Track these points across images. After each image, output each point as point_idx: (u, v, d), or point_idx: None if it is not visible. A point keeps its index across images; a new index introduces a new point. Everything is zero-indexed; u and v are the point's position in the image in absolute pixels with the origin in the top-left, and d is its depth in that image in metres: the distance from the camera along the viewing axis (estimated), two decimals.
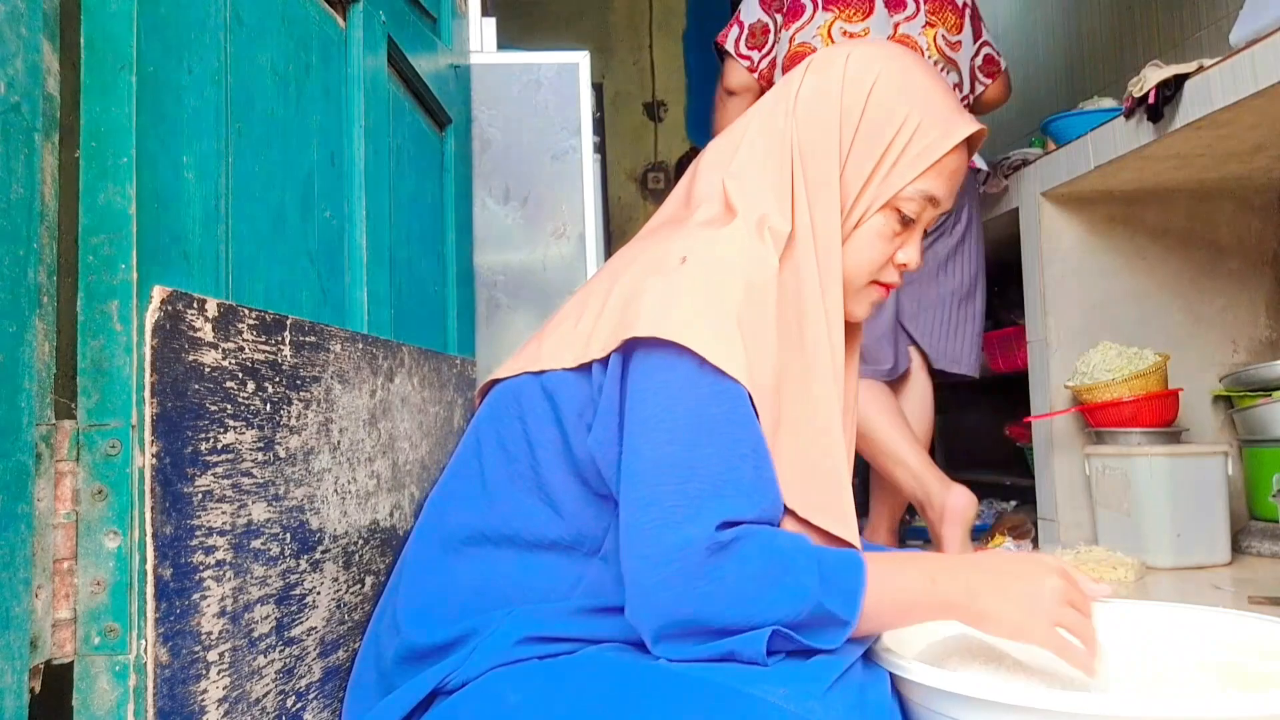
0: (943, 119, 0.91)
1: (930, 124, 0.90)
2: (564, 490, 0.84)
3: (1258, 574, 1.88)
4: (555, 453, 0.84)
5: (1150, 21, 2.77)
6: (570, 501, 0.84)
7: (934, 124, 0.91)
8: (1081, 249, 2.27)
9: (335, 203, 1.05)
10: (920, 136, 0.90)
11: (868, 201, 0.91)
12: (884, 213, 0.91)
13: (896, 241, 0.93)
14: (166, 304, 0.65)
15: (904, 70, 0.92)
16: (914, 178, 0.90)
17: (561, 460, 0.84)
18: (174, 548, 0.66)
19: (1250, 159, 1.95)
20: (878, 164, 0.90)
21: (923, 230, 0.95)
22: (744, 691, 0.69)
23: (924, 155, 0.90)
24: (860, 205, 0.91)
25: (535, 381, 0.86)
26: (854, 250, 0.92)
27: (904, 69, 0.92)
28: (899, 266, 0.95)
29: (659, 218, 0.98)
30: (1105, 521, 2.09)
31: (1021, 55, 3.58)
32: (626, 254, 0.91)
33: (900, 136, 0.90)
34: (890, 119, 0.90)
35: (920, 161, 0.90)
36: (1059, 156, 2.15)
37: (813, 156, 0.90)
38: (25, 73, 0.58)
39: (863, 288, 0.95)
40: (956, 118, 0.92)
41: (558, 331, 0.87)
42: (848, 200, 0.91)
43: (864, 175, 0.90)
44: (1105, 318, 2.27)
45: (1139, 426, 2.07)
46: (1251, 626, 0.94)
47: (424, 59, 1.46)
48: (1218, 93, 1.59)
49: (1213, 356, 2.30)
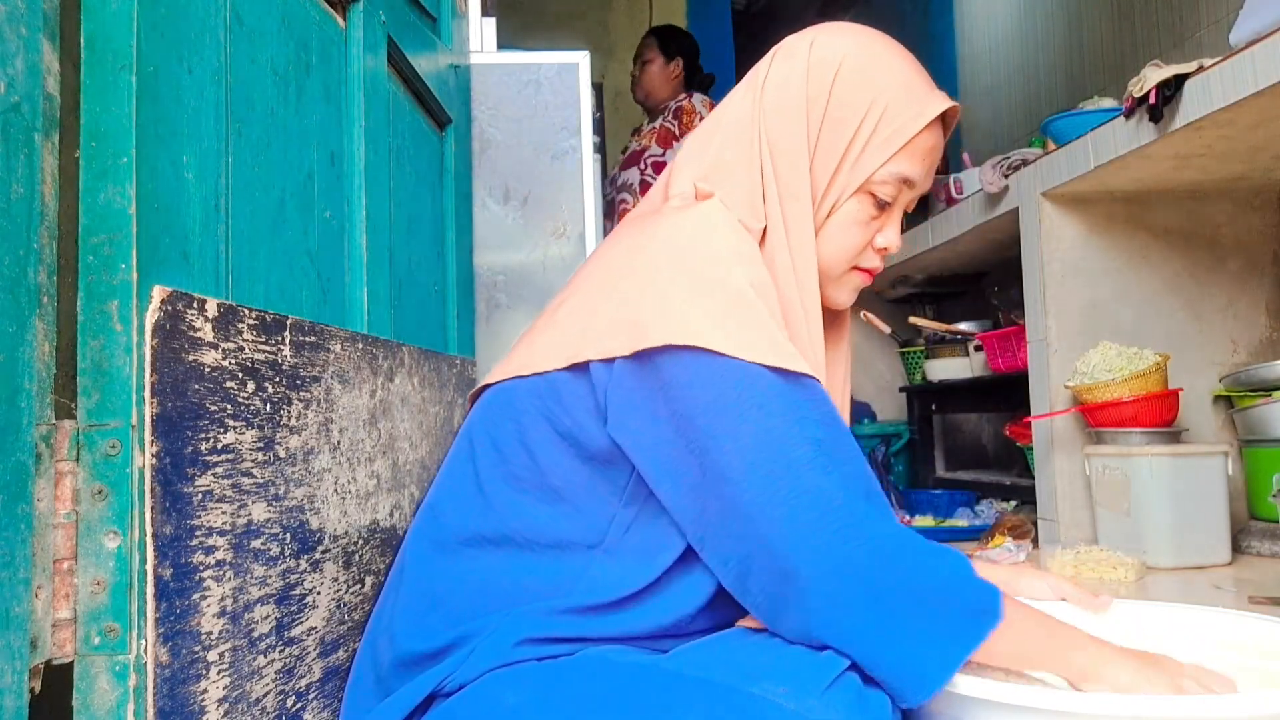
0: (913, 98, 0.89)
1: (900, 104, 0.89)
2: (571, 483, 0.84)
3: (1258, 574, 1.88)
4: (559, 448, 0.84)
5: (1150, 21, 2.77)
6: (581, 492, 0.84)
7: (904, 104, 0.89)
8: (1081, 249, 2.27)
9: (335, 203, 1.05)
10: (889, 118, 0.89)
11: (839, 188, 0.90)
12: (858, 198, 0.90)
13: (874, 226, 0.92)
14: (166, 304, 0.65)
15: (870, 52, 0.90)
16: (885, 160, 0.89)
17: (566, 454, 0.84)
18: (174, 548, 0.66)
19: (1250, 159, 1.95)
20: (846, 149, 0.89)
21: (902, 211, 0.93)
22: (744, 690, 0.69)
23: (894, 137, 0.89)
24: (832, 193, 0.90)
25: (527, 384, 0.86)
26: (829, 238, 0.91)
27: (870, 50, 0.90)
28: (879, 250, 0.94)
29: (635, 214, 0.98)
30: (1105, 521, 2.09)
31: (1021, 55, 3.58)
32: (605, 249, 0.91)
33: (868, 120, 0.88)
34: (857, 103, 0.88)
35: (890, 144, 0.89)
36: (1059, 156, 2.15)
37: (781, 148, 0.89)
38: (25, 73, 0.58)
39: (843, 274, 0.94)
40: (927, 96, 0.90)
41: (546, 335, 0.87)
42: (819, 189, 0.90)
43: (834, 162, 0.89)
44: (1105, 318, 2.27)
45: (1139, 426, 2.07)
46: (1251, 626, 0.94)
47: (424, 59, 1.46)
48: (1218, 93, 1.59)
49: (1213, 356, 2.30)
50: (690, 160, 0.93)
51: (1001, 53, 3.74)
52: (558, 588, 0.83)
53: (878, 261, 0.95)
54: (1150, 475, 1.98)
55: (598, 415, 0.82)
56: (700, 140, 0.94)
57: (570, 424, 0.83)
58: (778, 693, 0.69)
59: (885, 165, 0.89)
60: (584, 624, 0.82)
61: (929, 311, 3.60)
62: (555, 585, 0.83)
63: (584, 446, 0.83)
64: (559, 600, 0.83)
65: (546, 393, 0.84)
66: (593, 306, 0.84)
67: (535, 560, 0.84)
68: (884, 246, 0.93)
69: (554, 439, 0.84)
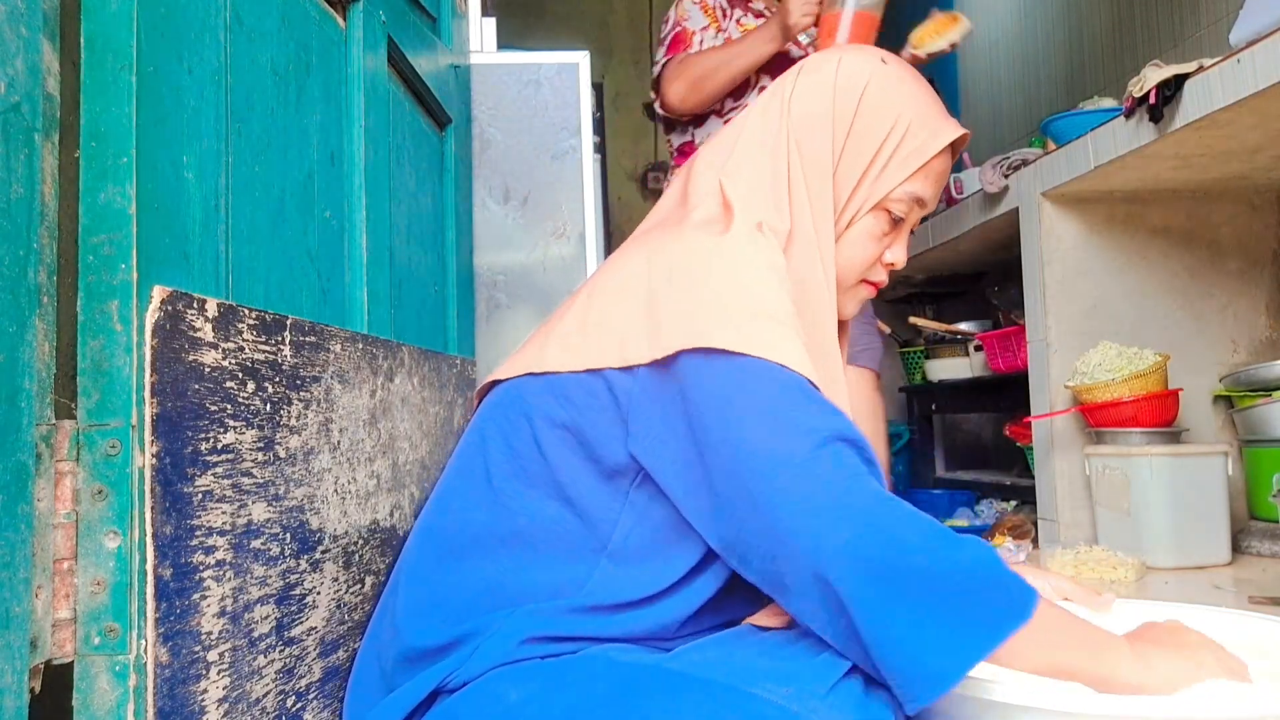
0: (930, 122, 0.94)
1: (918, 127, 0.93)
2: (576, 483, 0.84)
3: (1258, 574, 1.88)
4: (568, 448, 0.84)
5: (1150, 21, 2.77)
6: (586, 494, 0.84)
7: (922, 127, 0.94)
8: (1081, 249, 2.28)
9: (335, 202, 1.05)
10: (910, 139, 0.93)
11: (859, 202, 0.93)
12: (874, 213, 0.94)
13: (885, 241, 0.96)
14: (166, 304, 0.65)
15: (895, 75, 0.95)
16: (904, 179, 0.93)
17: (575, 455, 0.84)
18: (174, 548, 0.66)
19: (1250, 159, 1.95)
20: (869, 165, 0.93)
21: (909, 231, 0.97)
22: (746, 691, 0.69)
23: (914, 157, 0.93)
24: (852, 205, 0.93)
25: (540, 382, 0.86)
26: (846, 249, 0.95)
27: (894, 74, 0.95)
28: (886, 266, 0.98)
29: (654, 217, 0.99)
30: (1105, 521, 2.09)
31: (1021, 55, 3.58)
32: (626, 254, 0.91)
33: (891, 138, 0.93)
34: (881, 121, 0.93)
35: (910, 163, 0.93)
36: (1059, 156, 2.15)
37: (808, 156, 0.92)
38: (25, 73, 0.58)
39: (852, 286, 0.97)
40: (943, 122, 0.95)
41: (559, 333, 0.87)
42: (840, 200, 0.93)
43: (856, 176, 0.93)
44: (1105, 318, 2.27)
45: (1139, 426, 2.07)
46: (1251, 626, 0.94)
47: (424, 58, 1.46)
48: (1218, 93, 1.60)
49: (1213, 356, 2.30)
50: (712, 164, 0.94)
51: (1001, 53, 3.74)
52: (563, 588, 0.83)
53: (884, 276, 0.98)
54: (1150, 475, 1.98)
55: (614, 423, 0.82)
56: (723, 145, 0.96)
57: (581, 426, 0.83)
58: (780, 694, 0.69)
59: (903, 184, 0.93)
60: (590, 622, 0.82)
61: (929, 311, 3.60)
62: (561, 586, 0.83)
63: (593, 450, 0.83)
64: (564, 600, 0.83)
65: (559, 392, 0.84)
66: (613, 310, 0.84)
67: (542, 560, 0.84)
68: (891, 262, 0.97)
69: (563, 439, 0.84)
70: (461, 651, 0.82)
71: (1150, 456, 1.99)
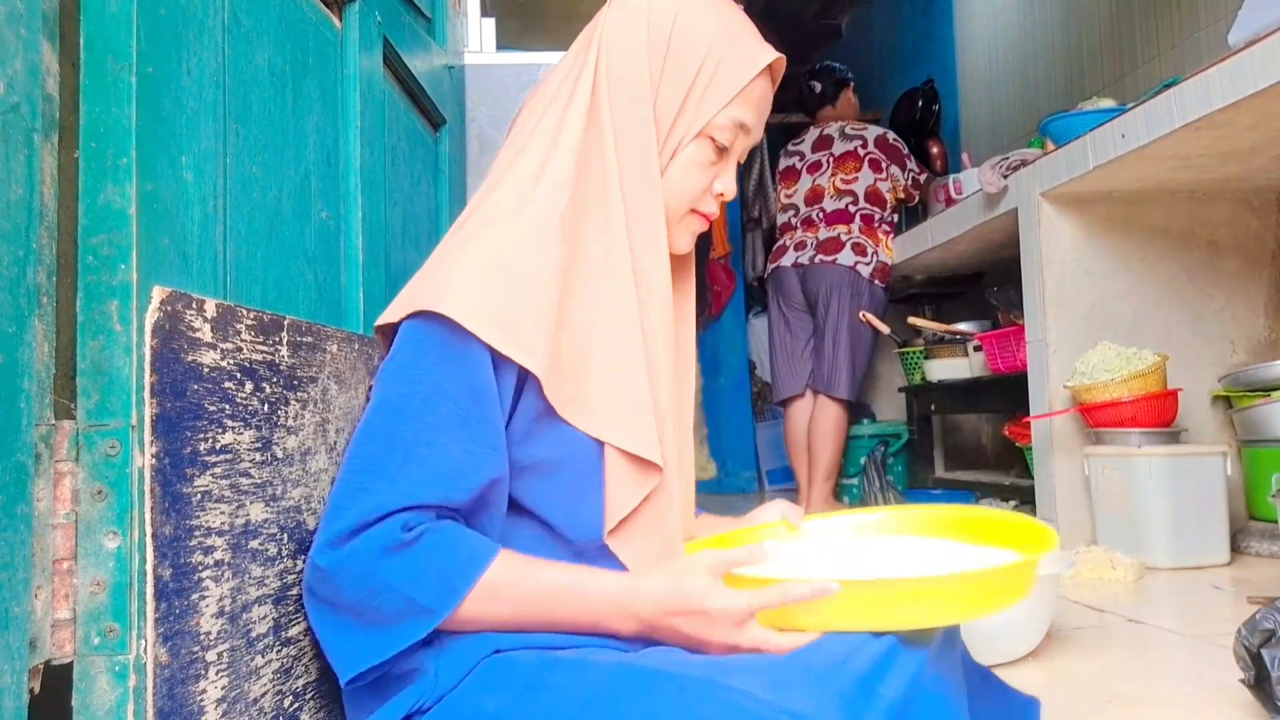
0: (746, 47, 0.94)
1: (736, 50, 0.93)
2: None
3: (1256, 574, 1.89)
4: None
5: (1149, 22, 2.77)
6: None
7: (739, 50, 0.93)
8: (1081, 249, 2.28)
9: (332, 203, 1.05)
10: (727, 63, 0.92)
11: (683, 129, 0.93)
12: (698, 141, 0.93)
13: (712, 171, 0.95)
14: (166, 304, 0.65)
15: (704, 3, 0.94)
16: (725, 103, 0.92)
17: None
18: (173, 548, 0.66)
19: (1249, 159, 1.96)
20: (689, 90, 0.92)
21: (736, 160, 0.96)
22: (723, 684, 0.69)
23: (733, 81, 0.92)
24: (675, 134, 0.93)
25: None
26: (672, 180, 0.94)
27: (704, 1, 0.94)
28: (716, 197, 0.97)
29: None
30: (1105, 521, 2.09)
31: (1021, 55, 3.58)
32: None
33: (708, 63, 0.92)
34: (696, 47, 0.92)
35: (730, 87, 0.92)
36: (1059, 156, 2.15)
37: (623, 86, 0.91)
38: (25, 73, 0.58)
39: (682, 218, 0.96)
40: (759, 45, 0.95)
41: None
42: (663, 129, 0.92)
43: (677, 103, 0.92)
44: (1105, 318, 2.27)
45: (1138, 426, 2.07)
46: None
47: (419, 59, 1.46)
48: (1217, 93, 1.60)
49: (1212, 356, 2.30)
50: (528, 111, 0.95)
51: (1001, 53, 3.74)
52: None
53: (714, 207, 0.97)
54: (1149, 475, 1.98)
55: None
56: (540, 89, 0.96)
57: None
58: (757, 684, 0.69)
59: (725, 109, 0.92)
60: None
61: (928, 312, 3.60)
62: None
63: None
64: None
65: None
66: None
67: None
68: (720, 192, 0.96)
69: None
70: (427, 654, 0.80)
71: (1149, 457, 1.99)
